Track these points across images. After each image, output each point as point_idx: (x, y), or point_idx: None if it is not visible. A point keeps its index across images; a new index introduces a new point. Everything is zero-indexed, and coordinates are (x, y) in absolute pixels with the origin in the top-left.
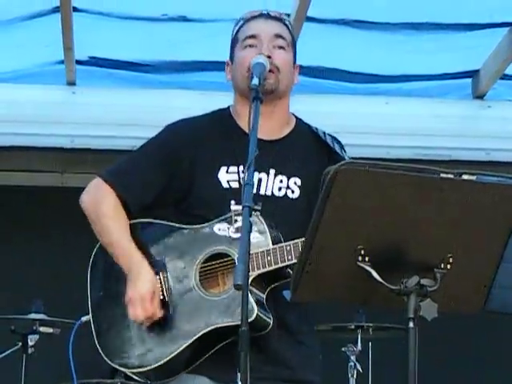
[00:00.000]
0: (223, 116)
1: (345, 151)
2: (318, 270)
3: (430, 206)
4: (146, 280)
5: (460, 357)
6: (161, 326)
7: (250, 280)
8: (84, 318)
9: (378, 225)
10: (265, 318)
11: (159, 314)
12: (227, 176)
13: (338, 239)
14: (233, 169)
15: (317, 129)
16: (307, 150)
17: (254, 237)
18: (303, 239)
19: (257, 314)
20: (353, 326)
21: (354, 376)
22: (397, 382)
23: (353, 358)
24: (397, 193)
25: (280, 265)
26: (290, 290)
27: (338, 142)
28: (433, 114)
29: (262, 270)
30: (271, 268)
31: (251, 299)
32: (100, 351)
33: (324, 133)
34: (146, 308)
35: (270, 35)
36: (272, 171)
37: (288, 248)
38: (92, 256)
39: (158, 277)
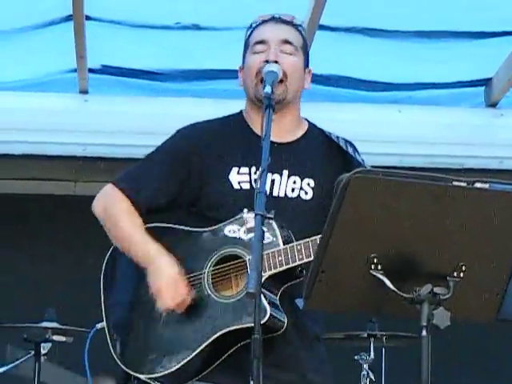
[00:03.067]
0: (235, 119)
1: (359, 154)
2: (330, 278)
3: (442, 213)
4: (168, 266)
5: (474, 365)
6: (175, 329)
7: (261, 281)
8: (99, 325)
9: (391, 233)
10: (279, 318)
11: (189, 296)
12: (238, 177)
13: (351, 247)
14: (244, 170)
15: (330, 133)
16: (320, 152)
17: (265, 237)
18: (314, 238)
19: (270, 315)
20: (365, 335)
21: None
22: None
23: (365, 366)
24: (409, 201)
25: (291, 265)
26: (303, 299)
27: (352, 145)
28: (445, 123)
29: (274, 271)
30: (282, 268)
31: (264, 300)
32: (115, 357)
33: (337, 137)
34: (174, 293)
35: (277, 40)
36: (285, 172)
37: (299, 247)
38: (104, 263)
39: None
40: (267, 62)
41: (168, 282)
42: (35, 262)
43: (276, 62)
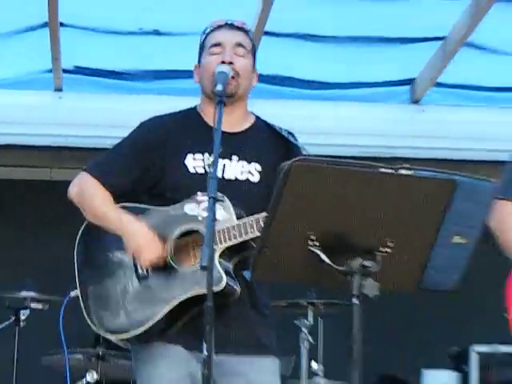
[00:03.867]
0: (190, 113)
1: (297, 141)
2: (274, 253)
3: (372, 196)
4: (141, 228)
5: (398, 326)
6: (142, 296)
7: (218, 253)
8: (72, 293)
9: (327, 214)
10: (233, 285)
11: (163, 250)
12: (193, 162)
13: (291, 227)
14: (198, 156)
15: (273, 125)
16: (266, 140)
17: (221, 214)
18: (264, 215)
19: (226, 283)
20: (305, 303)
21: (307, 347)
22: (344, 350)
23: (305, 330)
24: (343, 185)
25: (244, 237)
26: (250, 270)
27: (292, 135)
28: (375, 117)
29: (229, 243)
30: (237, 241)
31: (220, 270)
32: (87, 320)
33: (280, 128)
34: (153, 249)
35: (232, 43)
36: (234, 157)
37: (250, 222)
38: (78, 235)
39: None
40: (223, 62)
41: (146, 240)
42: (15, 238)
43: (231, 62)
